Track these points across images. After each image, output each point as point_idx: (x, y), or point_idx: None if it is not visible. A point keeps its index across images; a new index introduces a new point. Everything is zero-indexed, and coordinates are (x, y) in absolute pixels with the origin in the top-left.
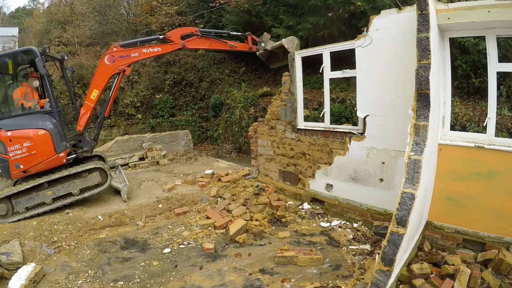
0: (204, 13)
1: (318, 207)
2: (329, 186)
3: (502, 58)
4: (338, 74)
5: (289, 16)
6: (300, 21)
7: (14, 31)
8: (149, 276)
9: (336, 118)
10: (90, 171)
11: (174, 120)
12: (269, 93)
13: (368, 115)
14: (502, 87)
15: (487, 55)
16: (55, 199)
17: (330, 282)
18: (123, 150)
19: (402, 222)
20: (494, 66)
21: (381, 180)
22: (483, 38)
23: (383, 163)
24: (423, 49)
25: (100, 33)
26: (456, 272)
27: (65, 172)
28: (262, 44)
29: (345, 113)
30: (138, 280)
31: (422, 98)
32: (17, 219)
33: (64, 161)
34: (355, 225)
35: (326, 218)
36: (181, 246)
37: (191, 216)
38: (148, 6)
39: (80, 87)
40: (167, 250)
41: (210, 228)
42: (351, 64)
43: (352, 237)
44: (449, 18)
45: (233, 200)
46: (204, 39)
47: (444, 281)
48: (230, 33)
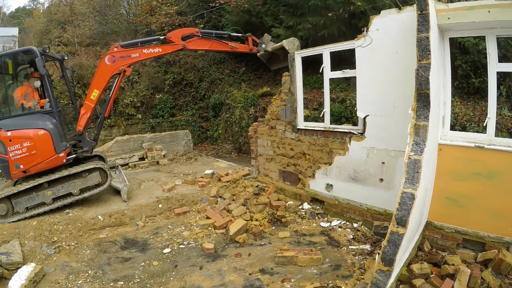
0: (204, 13)
1: (318, 207)
2: (329, 186)
3: (502, 58)
4: (338, 74)
5: (289, 16)
6: (300, 21)
7: (14, 31)
8: (149, 276)
9: (336, 118)
10: (90, 171)
11: (174, 120)
12: (269, 93)
13: (368, 115)
14: (502, 87)
15: (487, 55)
16: (55, 199)
17: (330, 282)
18: (123, 150)
19: (402, 222)
20: (494, 66)
21: (381, 180)
22: (483, 38)
23: (383, 163)
24: (423, 49)
25: (100, 33)
26: (456, 272)
27: (65, 172)
28: (263, 46)
29: (345, 113)
30: (138, 280)
31: (422, 98)
32: (17, 219)
33: (64, 161)
34: (355, 225)
35: (326, 218)
36: (181, 246)
37: (191, 216)
38: (148, 6)
39: (80, 87)
40: (167, 250)
41: (210, 228)
42: (351, 64)
43: (352, 237)
44: (449, 18)
45: (233, 200)
46: (205, 40)
47: (444, 281)
48: (231, 34)
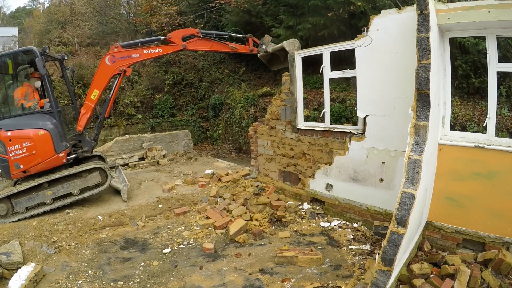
0: (204, 13)
1: (318, 207)
2: (329, 186)
3: (502, 58)
4: (338, 74)
5: (289, 16)
6: (300, 21)
7: (14, 31)
8: (149, 276)
9: (336, 118)
10: (90, 171)
11: (174, 120)
12: (269, 93)
13: (368, 115)
14: (502, 87)
15: (487, 55)
16: (55, 199)
17: (330, 282)
18: (123, 150)
19: (402, 222)
20: (494, 66)
21: (381, 180)
22: (483, 38)
23: (383, 163)
24: (423, 49)
25: (100, 33)
26: (456, 272)
27: (65, 172)
28: (263, 46)
29: (345, 113)
30: (138, 280)
31: (422, 98)
32: (17, 219)
33: (64, 161)
34: (355, 225)
35: (326, 218)
36: (181, 246)
37: (191, 216)
38: (148, 6)
39: (80, 87)
40: (167, 250)
41: (210, 228)
42: (351, 64)
43: (352, 237)
44: (449, 18)
45: (233, 200)
46: (205, 41)
47: (444, 281)
48: (231, 35)
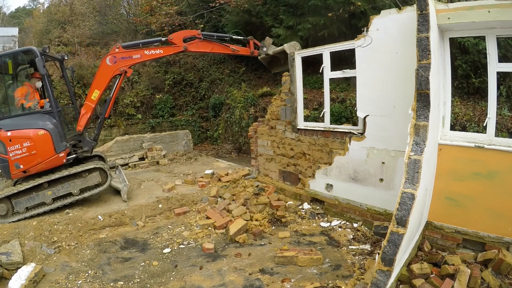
0: (204, 13)
1: (318, 207)
2: (329, 186)
3: (502, 58)
4: (338, 74)
5: (289, 16)
6: (300, 21)
7: (14, 31)
8: (149, 276)
9: (336, 118)
10: (90, 171)
11: (174, 120)
12: (269, 93)
13: (368, 115)
14: (502, 87)
15: (487, 55)
16: (55, 199)
17: (330, 282)
18: (123, 150)
19: (402, 222)
20: (494, 66)
21: (381, 180)
22: (483, 38)
23: (383, 163)
24: (423, 49)
25: (100, 33)
26: (456, 272)
27: (65, 172)
28: (264, 49)
29: (345, 113)
30: (138, 280)
31: (422, 98)
32: (17, 219)
33: (64, 161)
34: (355, 225)
35: (326, 218)
36: (181, 246)
37: (191, 216)
38: (148, 6)
39: (80, 87)
40: (167, 250)
41: (210, 228)
42: (351, 64)
43: (352, 237)
44: (449, 18)
45: (233, 200)
46: (206, 43)
47: (444, 281)
48: (232, 37)
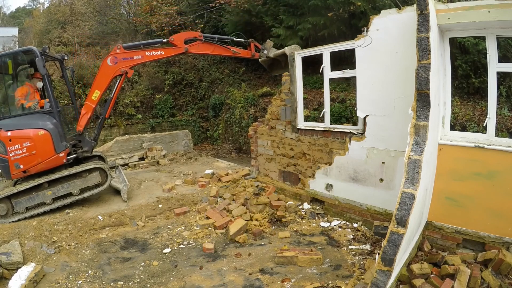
0: (204, 13)
1: (318, 207)
2: (329, 186)
3: (502, 58)
4: (338, 74)
5: (289, 16)
6: (300, 21)
7: (14, 31)
8: (149, 276)
9: (336, 118)
10: (90, 171)
11: (174, 120)
12: (269, 93)
13: (368, 115)
14: (502, 87)
15: (487, 55)
16: (55, 199)
17: (330, 282)
18: (123, 150)
19: (402, 222)
20: (494, 66)
21: (381, 180)
22: (483, 38)
23: (383, 163)
24: (423, 49)
25: (100, 33)
26: (456, 272)
27: (65, 172)
28: (265, 52)
29: (345, 113)
30: (138, 280)
31: (422, 98)
32: (17, 219)
33: (64, 161)
34: (355, 225)
35: (326, 218)
36: (181, 246)
37: (191, 216)
38: (148, 6)
39: (80, 87)
40: (167, 250)
41: (210, 228)
42: (351, 64)
43: (352, 237)
44: (449, 18)
45: (233, 200)
46: (207, 45)
47: (444, 281)
48: (234, 39)
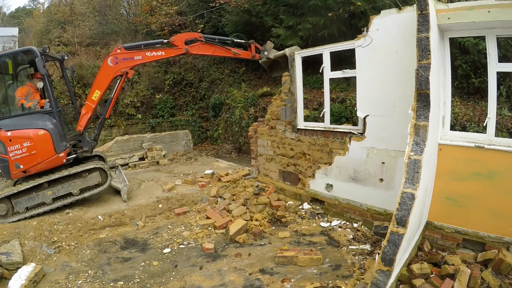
0: (204, 13)
1: (318, 207)
2: (329, 186)
3: (502, 58)
4: (338, 74)
5: (289, 16)
6: (300, 21)
7: (14, 31)
8: (149, 276)
9: (336, 118)
10: (90, 171)
11: (174, 120)
12: (269, 93)
13: (368, 115)
14: (502, 87)
15: (487, 55)
16: (55, 199)
17: (330, 282)
18: (123, 150)
19: (402, 222)
20: (494, 66)
21: (381, 180)
22: (483, 38)
23: (383, 163)
24: (423, 49)
25: (100, 33)
26: (456, 272)
27: (65, 172)
28: (265, 53)
29: (345, 113)
30: (138, 280)
31: (422, 98)
32: (17, 219)
33: (64, 161)
34: (355, 225)
35: (326, 218)
36: (181, 246)
37: (191, 216)
38: (148, 6)
39: (80, 87)
40: (167, 250)
41: (210, 228)
42: (351, 64)
43: (352, 237)
44: (449, 18)
45: (233, 200)
46: (208, 45)
47: (444, 281)
48: (234, 40)
